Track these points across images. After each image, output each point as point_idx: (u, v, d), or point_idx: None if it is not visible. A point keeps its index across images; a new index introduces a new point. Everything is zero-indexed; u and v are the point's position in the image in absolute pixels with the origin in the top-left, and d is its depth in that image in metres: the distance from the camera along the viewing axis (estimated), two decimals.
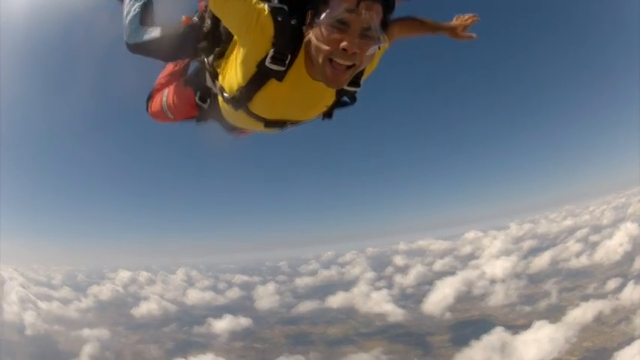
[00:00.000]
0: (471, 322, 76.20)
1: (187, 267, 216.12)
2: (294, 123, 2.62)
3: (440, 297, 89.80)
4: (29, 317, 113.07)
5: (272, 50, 2.07)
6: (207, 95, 2.90)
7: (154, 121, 3.49)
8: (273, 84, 2.20)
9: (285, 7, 2.08)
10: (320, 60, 1.99)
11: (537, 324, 63.16)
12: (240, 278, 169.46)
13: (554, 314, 69.24)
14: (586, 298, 71.69)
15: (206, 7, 2.74)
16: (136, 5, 3.39)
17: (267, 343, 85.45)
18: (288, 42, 2.07)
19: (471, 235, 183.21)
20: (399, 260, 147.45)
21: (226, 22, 2.29)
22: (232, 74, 2.38)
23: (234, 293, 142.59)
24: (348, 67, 1.98)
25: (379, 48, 2.10)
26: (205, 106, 2.94)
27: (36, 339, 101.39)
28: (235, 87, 2.36)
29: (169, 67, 3.57)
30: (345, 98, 2.43)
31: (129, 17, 3.38)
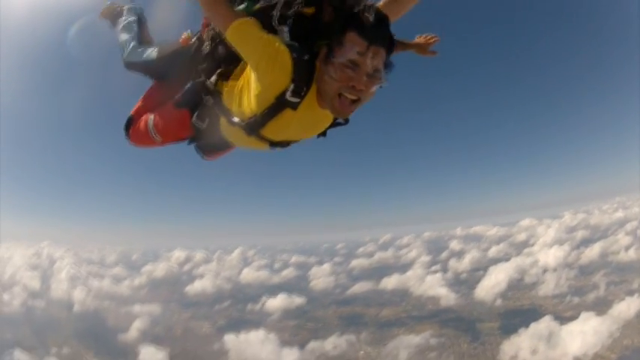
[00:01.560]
0: (521, 310, 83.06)
1: (245, 247, 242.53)
2: (296, 142, 3.28)
3: (492, 283, 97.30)
4: (78, 294, 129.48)
5: (292, 85, 2.63)
6: (206, 115, 3.31)
7: (135, 146, 3.91)
8: (287, 112, 2.76)
9: (296, 44, 2.67)
10: (331, 93, 2.63)
11: (584, 316, 68.63)
12: (296, 259, 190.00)
13: (600, 307, 73.69)
14: (631, 293, 76.01)
15: (206, 29, 3.38)
16: (131, 24, 4.21)
17: (320, 322, 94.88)
18: (305, 76, 2.66)
19: (526, 222, 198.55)
20: (455, 245, 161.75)
21: (245, 55, 2.79)
22: (244, 102, 2.91)
23: (289, 273, 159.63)
24: (354, 101, 2.64)
25: (381, 86, 2.73)
26: (203, 125, 3.35)
27: (84, 315, 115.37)
28: (248, 114, 2.89)
29: (149, 92, 3.99)
30: (340, 120, 3.12)
31: (125, 36, 4.15)
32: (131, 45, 4.04)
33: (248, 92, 2.82)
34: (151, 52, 3.88)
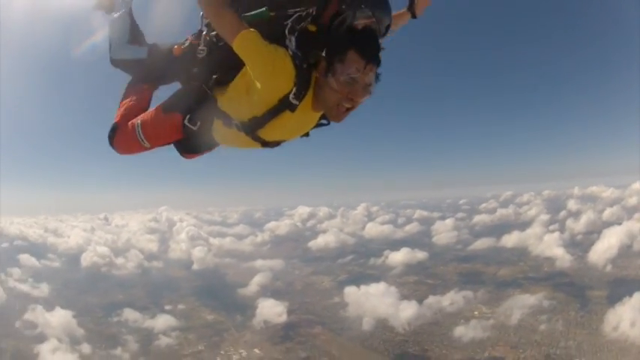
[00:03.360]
0: (628, 279, 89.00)
1: (369, 203, 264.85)
2: (286, 141, 4.19)
3: (604, 247, 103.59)
4: (198, 253, 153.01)
5: (294, 89, 3.49)
6: (198, 119, 4.06)
7: (121, 153, 4.50)
8: (286, 114, 3.60)
9: (299, 53, 3.56)
10: (330, 103, 3.57)
11: None
12: (420, 214, 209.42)
13: None
14: None
15: (199, 36, 4.10)
16: (125, 17, 4.66)
17: (440, 279, 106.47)
18: (305, 82, 3.53)
19: (637, 186, 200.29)
20: (572, 205, 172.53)
21: (252, 62, 3.56)
22: (245, 105, 3.73)
23: (412, 228, 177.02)
24: (348, 109, 3.61)
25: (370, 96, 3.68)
26: (195, 128, 4.11)
27: (203, 273, 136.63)
28: (248, 116, 3.71)
29: (130, 96, 4.62)
30: (324, 122, 4.11)
31: (116, 33, 4.62)
32: (121, 40, 4.70)
33: (250, 96, 3.69)
34: (141, 52, 4.61)
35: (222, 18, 3.66)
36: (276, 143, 4.13)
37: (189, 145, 4.50)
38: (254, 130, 3.81)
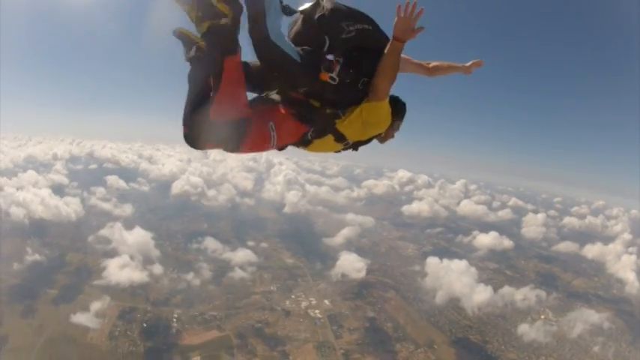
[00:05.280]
0: None
1: (467, 180, 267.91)
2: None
3: None
4: (291, 197, 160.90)
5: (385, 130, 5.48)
6: (317, 132, 5.21)
7: (242, 151, 4.57)
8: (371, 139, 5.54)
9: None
10: (386, 138, 5.74)
11: None
12: (515, 202, 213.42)
13: None
14: None
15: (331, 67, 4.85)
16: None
17: (518, 273, 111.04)
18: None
19: None
20: None
21: (382, 115, 5.28)
22: (358, 132, 5.28)
23: (505, 214, 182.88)
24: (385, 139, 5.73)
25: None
26: (310, 139, 5.21)
27: (292, 217, 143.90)
28: (356, 138, 5.35)
29: (243, 91, 4.43)
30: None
31: (273, 12, 4.43)
32: (278, 26, 4.49)
33: (364, 128, 5.29)
34: (293, 52, 4.58)
35: (390, 83, 5.02)
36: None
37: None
38: (354, 146, 5.63)
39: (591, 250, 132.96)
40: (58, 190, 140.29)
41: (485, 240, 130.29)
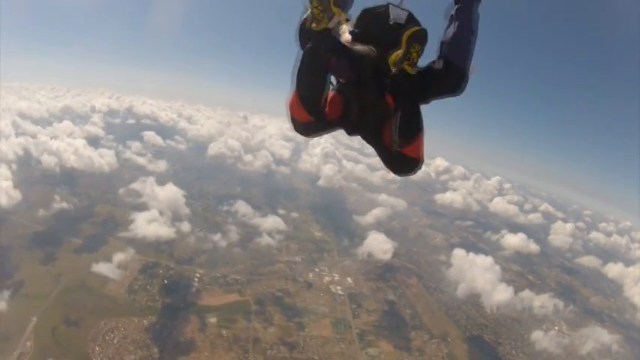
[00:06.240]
0: None
1: (503, 178, 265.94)
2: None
3: None
4: (327, 171, 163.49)
5: None
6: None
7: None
8: None
9: None
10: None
11: None
12: (546, 207, 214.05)
13: None
14: None
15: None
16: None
17: (540, 279, 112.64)
18: None
19: None
20: None
21: None
22: None
23: (535, 218, 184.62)
24: None
25: None
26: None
27: (326, 191, 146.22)
28: None
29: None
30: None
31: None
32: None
33: None
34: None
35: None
36: None
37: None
38: None
39: (612, 269, 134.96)
40: (94, 141, 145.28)
41: (513, 241, 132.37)
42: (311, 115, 5.24)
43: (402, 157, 5.37)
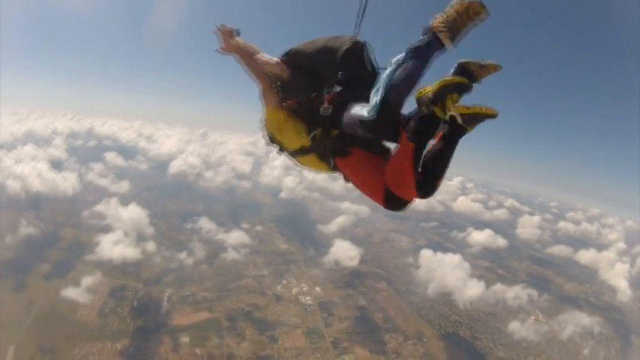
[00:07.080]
0: None
1: (465, 178, 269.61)
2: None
3: None
4: (289, 182, 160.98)
5: None
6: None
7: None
8: None
9: None
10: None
11: None
12: (511, 203, 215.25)
13: None
14: None
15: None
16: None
17: (510, 272, 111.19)
18: None
19: None
20: None
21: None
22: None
23: (501, 214, 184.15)
24: None
25: None
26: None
27: (288, 202, 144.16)
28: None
29: None
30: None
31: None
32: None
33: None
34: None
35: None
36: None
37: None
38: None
39: (585, 256, 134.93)
40: (57, 164, 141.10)
41: (480, 237, 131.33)
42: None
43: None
